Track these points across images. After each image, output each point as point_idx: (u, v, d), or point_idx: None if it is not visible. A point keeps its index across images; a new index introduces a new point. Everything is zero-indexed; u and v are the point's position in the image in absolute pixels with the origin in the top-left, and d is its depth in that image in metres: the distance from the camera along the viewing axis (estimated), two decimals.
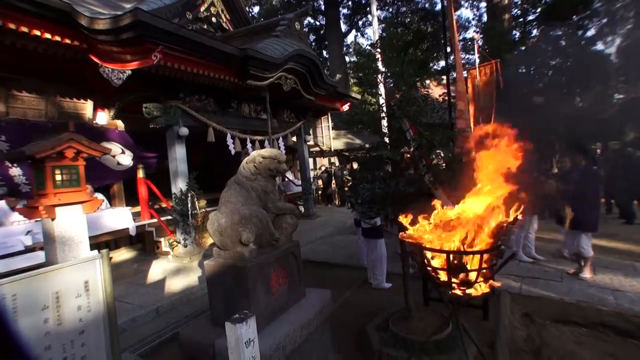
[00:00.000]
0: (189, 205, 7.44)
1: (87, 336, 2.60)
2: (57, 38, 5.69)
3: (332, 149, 20.39)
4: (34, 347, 2.31)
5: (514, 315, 4.52)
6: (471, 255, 2.54)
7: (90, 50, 6.12)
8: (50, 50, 5.86)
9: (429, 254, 2.69)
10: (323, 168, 18.47)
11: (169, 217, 7.91)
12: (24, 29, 5.28)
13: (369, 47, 4.99)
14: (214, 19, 10.95)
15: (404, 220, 2.98)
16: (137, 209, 8.53)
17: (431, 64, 27.41)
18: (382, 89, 4.65)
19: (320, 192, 16.61)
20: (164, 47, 5.84)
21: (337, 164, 20.68)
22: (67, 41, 5.83)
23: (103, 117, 8.25)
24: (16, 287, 2.27)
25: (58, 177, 3.45)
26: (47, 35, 5.55)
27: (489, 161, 2.80)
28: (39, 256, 5.58)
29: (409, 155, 4.10)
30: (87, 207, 3.62)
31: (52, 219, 3.41)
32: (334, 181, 15.85)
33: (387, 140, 4.27)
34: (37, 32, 5.42)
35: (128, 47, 5.86)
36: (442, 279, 2.64)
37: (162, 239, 8.21)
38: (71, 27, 5.74)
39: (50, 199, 3.36)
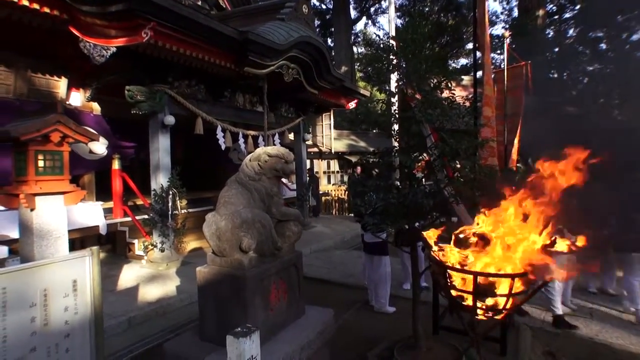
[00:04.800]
0: (170, 204, 7.52)
1: (72, 341, 2.72)
2: (36, 6, 5.75)
3: (333, 151, 20.31)
4: (20, 347, 2.46)
5: (535, 352, 4.56)
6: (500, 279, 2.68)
7: (72, 21, 6.23)
8: (26, 19, 5.92)
9: (453, 274, 2.83)
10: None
11: (145, 217, 7.97)
12: None
13: (386, 38, 5.07)
14: None
15: (429, 236, 3.13)
16: (109, 204, 8.55)
17: (450, 62, 27.78)
18: (398, 87, 4.76)
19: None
20: (156, 23, 5.93)
21: (337, 168, 20.67)
22: (46, 10, 5.90)
23: (77, 98, 8.31)
24: (6, 280, 2.39)
25: (41, 163, 3.58)
26: (25, 2, 5.60)
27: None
28: None
29: (422, 163, 4.22)
30: (69, 198, 3.74)
31: (32, 210, 3.54)
32: (333, 190, 15.70)
33: (401, 144, 4.36)
34: None
35: (116, 22, 5.98)
36: (466, 303, 2.78)
37: (135, 241, 8.28)
38: None
39: (31, 186, 3.48)
